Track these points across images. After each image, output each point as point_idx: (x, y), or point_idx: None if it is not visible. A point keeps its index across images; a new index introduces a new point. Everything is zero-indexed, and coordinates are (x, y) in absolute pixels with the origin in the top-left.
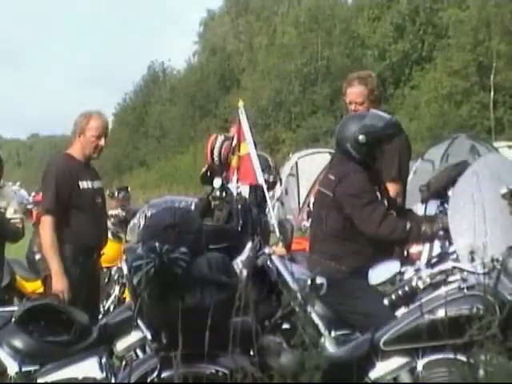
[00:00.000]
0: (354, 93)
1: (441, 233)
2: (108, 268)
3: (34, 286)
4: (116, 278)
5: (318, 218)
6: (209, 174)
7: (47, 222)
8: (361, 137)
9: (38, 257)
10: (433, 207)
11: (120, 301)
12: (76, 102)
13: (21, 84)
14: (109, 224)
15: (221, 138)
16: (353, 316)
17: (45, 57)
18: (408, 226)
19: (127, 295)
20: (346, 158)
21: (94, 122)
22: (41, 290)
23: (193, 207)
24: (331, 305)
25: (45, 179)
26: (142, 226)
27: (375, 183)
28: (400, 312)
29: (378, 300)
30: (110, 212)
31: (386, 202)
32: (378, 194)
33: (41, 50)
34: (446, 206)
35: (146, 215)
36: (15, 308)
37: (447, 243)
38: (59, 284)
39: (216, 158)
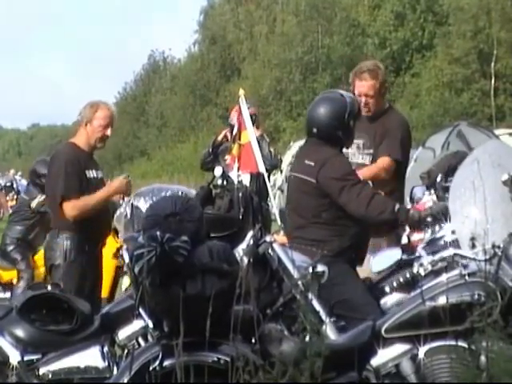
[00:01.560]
0: (366, 86)
1: (428, 219)
2: None
3: (10, 275)
4: None
5: (296, 204)
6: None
7: (69, 206)
8: (351, 122)
9: (10, 248)
10: (419, 193)
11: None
12: (76, 91)
13: (21, 74)
14: None
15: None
16: (330, 303)
17: (44, 46)
18: (396, 207)
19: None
20: (323, 143)
21: (101, 111)
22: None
23: (180, 195)
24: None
25: (53, 170)
26: (128, 215)
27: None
28: (387, 299)
29: (355, 287)
30: None
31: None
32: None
33: (41, 40)
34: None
35: (132, 204)
36: None
37: (437, 228)
38: (118, 185)
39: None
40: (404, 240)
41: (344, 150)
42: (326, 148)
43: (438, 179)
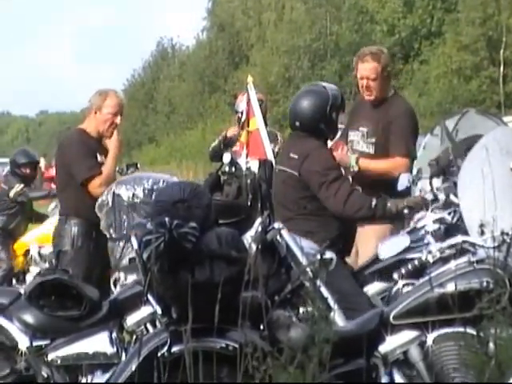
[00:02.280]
0: (368, 69)
1: (406, 211)
2: None
3: None
4: None
5: (282, 197)
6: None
7: (96, 183)
8: (334, 114)
9: None
10: (404, 181)
11: None
12: (85, 78)
13: (30, 61)
14: None
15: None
16: None
17: (53, 33)
18: (374, 202)
19: None
20: (306, 136)
21: (110, 99)
22: None
23: (161, 184)
24: None
25: (67, 155)
26: (110, 203)
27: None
28: (369, 288)
29: (345, 278)
30: None
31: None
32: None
33: (49, 26)
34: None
35: (114, 192)
36: None
37: (416, 218)
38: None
39: None
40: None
41: (350, 137)
42: (310, 141)
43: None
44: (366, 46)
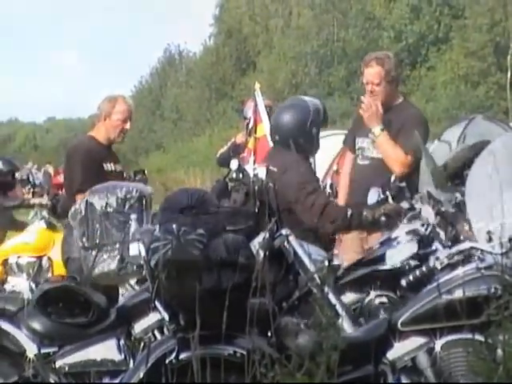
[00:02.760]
0: (371, 73)
1: (383, 218)
2: (39, 257)
3: None
4: (47, 267)
5: (264, 209)
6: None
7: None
8: (314, 130)
9: None
10: (374, 196)
11: None
12: (92, 84)
13: (37, 67)
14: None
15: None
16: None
17: (60, 39)
18: (349, 213)
19: None
20: (286, 149)
21: (119, 105)
22: None
23: (134, 194)
24: None
25: (70, 162)
26: (83, 211)
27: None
28: (343, 298)
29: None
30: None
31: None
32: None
33: (57, 32)
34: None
35: (87, 201)
36: None
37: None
38: None
39: None
40: None
41: (359, 143)
42: (289, 155)
43: (392, 179)
44: (374, 52)
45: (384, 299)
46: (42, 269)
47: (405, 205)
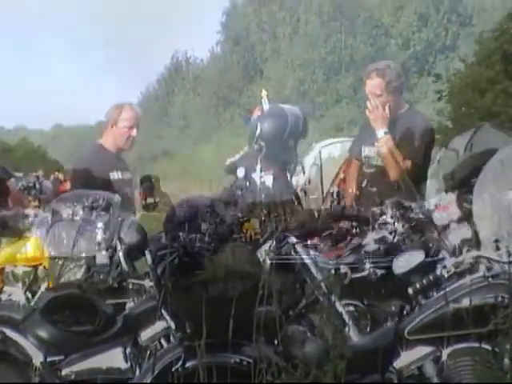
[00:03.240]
0: (372, 85)
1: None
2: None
3: None
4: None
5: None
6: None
7: None
8: (291, 141)
9: None
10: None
11: None
12: (99, 92)
13: (45, 75)
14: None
15: None
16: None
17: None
18: None
19: None
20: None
21: (126, 113)
22: None
23: (101, 202)
24: None
25: (76, 172)
26: (49, 220)
27: None
28: None
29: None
30: None
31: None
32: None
33: (63, 40)
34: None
35: (53, 209)
36: None
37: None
38: None
39: None
40: None
41: (365, 152)
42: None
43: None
44: (381, 60)
45: (351, 308)
46: (37, 278)
47: (376, 211)
